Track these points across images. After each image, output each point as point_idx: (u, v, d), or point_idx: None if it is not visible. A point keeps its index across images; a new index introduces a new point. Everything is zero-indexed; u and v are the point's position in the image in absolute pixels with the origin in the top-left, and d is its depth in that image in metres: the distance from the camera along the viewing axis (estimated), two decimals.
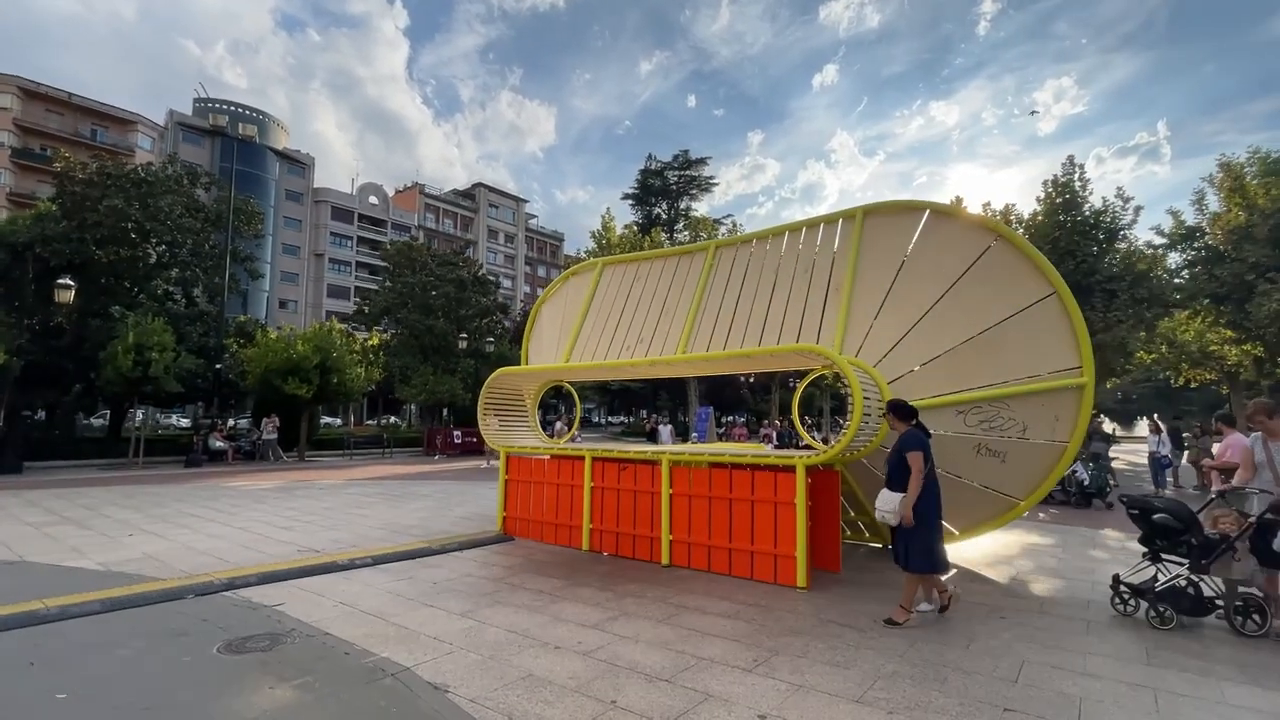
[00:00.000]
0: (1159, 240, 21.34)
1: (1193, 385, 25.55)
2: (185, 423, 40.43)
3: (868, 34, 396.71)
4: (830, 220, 7.97)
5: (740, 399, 39.37)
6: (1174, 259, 21.50)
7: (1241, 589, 4.82)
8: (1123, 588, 5.18)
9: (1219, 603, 4.87)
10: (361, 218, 67.90)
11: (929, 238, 7.13)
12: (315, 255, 64.24)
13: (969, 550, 7.55)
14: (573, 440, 11.54)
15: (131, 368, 17.47)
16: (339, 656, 4.05)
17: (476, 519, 9.73)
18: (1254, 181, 15.15)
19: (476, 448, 25.26)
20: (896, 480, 4.93)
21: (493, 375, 8.89)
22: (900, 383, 6.76)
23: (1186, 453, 15.92)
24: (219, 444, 20.35)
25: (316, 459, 22.70)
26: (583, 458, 7.60)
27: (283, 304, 60.98)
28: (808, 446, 8.45)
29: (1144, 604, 5.05)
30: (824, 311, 7.37)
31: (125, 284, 21.68)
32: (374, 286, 52.97)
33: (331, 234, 64.91)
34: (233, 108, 63.43)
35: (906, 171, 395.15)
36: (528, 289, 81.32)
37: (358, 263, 67.10)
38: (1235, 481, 5.37)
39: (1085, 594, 5.81)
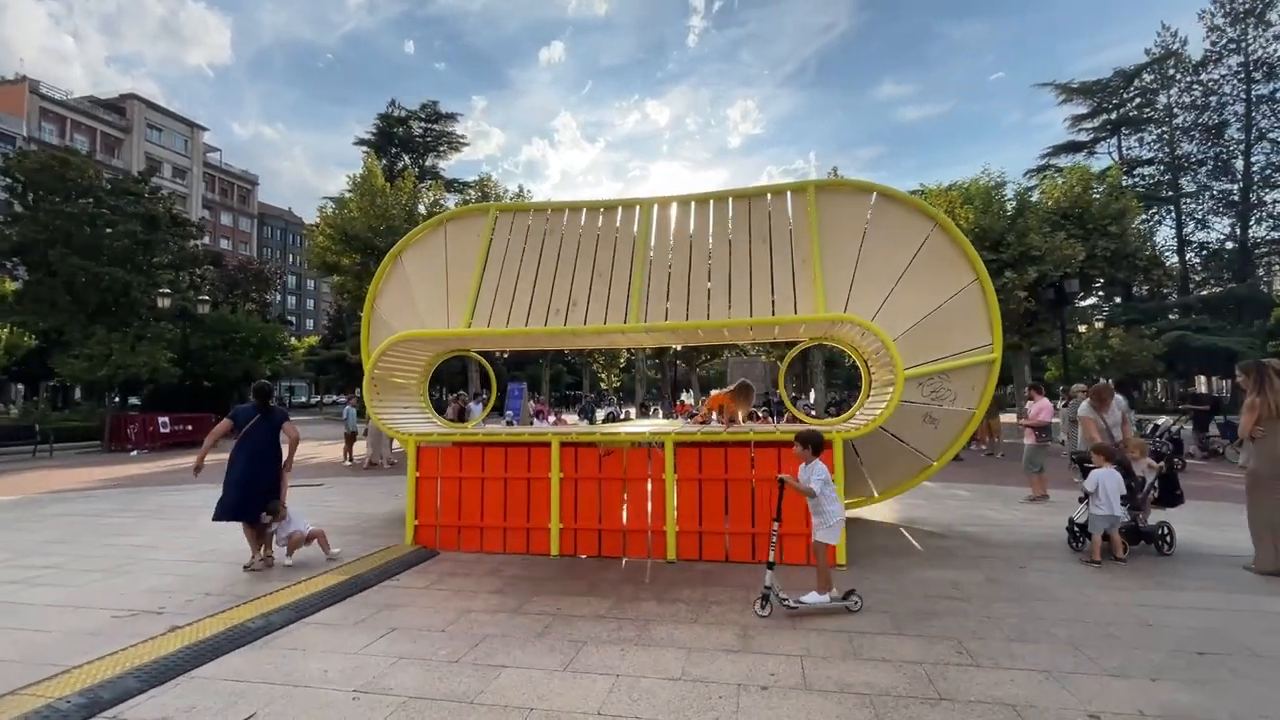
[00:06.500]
0: None
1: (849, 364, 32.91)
2: None
3: (594, 19, 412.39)
4: (778, 191, 7.86)
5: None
6: None
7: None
8: (1076, 528, 6.19)
9: (1142, 531, 6.13)
10: None
11: (881, 218, 7.50)
12: None
13: (883, 510, 8.31)
14: (479, 426, 9.59)
15: None
16: None
17: (333, 531, 7.32)
18: (964, 207, 19.89)
19: (191, 438, 19.41)
20: None
21: (390, 340, 6.72)
22: None
23: None
24: None
25: None
26: (548, 444, 6.21)
27: None
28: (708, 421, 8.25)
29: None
30: (795, 283, 7.22)
31: None
32: None
33: None
34: None
35: (621, 162, 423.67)
36: (207, 239, 65.59)
37: None
38: (1082, 443, 7.14)
39: (1018, 535, 6.80)
